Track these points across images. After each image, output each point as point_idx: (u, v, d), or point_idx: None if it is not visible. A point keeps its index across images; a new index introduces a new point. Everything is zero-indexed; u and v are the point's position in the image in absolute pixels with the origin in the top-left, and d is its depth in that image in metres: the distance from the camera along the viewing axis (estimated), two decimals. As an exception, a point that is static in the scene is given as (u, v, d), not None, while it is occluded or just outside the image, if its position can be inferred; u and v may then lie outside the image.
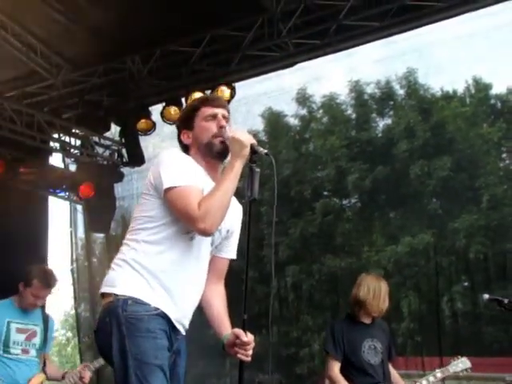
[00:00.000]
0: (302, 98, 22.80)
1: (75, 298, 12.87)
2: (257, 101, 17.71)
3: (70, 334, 34.60)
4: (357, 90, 22.28)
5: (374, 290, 5.93)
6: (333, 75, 19.37)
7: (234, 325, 3.69)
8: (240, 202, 3.79)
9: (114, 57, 9.96)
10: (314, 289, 20.47)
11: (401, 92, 22.15)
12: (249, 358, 3.52)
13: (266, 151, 3.58)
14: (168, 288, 3.50)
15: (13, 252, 9.13)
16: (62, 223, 13.35)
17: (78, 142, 11.18)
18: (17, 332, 5.73)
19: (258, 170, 3.58)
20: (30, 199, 10.70)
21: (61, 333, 36.79)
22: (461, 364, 6.31)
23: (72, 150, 11.25)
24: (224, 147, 3.60)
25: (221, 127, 3.67)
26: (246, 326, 3.43)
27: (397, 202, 20.50)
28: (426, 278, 17.41)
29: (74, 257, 12.86)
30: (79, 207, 12.10)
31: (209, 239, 3.62)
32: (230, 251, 3.86)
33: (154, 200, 3.55)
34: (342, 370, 5.86)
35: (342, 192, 21.58)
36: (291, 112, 23.20)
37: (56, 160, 11.62)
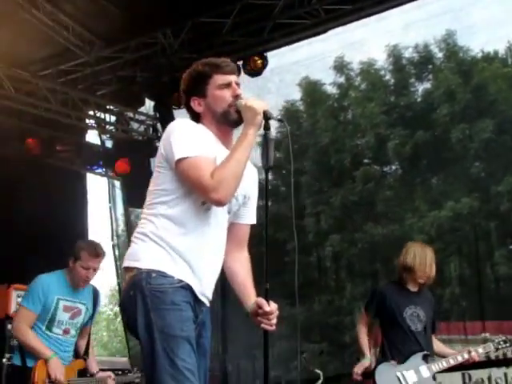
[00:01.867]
0: (340, 66, 22.49)
1: (118, 274, 12.96)
2: (289, 70, 17.49)
3: (117, 309, 35.11)
4: (394, 54, 21.94)
5: (421, 257, 6.01)
6: (367, 41, 19.09)
7: (273, 295, 3.61)
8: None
9: (146, 32, 9.98)
10: (357, 257, 20.42)
11: (439, 55, 21.74)
12: (273, 327, 3.50)
13: (279, 117, 3.54)
14: (189, 260, 3.50)
15: (53, 230, 9.27)
16: (101, 200, 13.38)
17: (113, 118, 11.27)
18: (64, 310, 5.76)
19: (272, 136, 3.53)
20: (68, 177, 10.83)
21: (109, 308, 37.29)
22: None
23: (107, 127, 11.38)
24: (240, 116, 3.53)
25: (236, 96, 3.60)
26: (268, 295, 3.42)
27: (438, 167, 20.22)
28: (469, 242, 17.27)
29: (115, 232, 13.01)
30: (117, 183, 12.18)
31: (225, 207, 3.58)
32: (249, 217, 3.83)
33: (167, 172, 3.50)
34: (385, 334, 6.00)
35: (383, 159, 21.42)
36: (328, 80, 22.84)
37: (92, 137, 11.71)
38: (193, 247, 3.52)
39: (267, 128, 3.51)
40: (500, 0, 16.71)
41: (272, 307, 3.48)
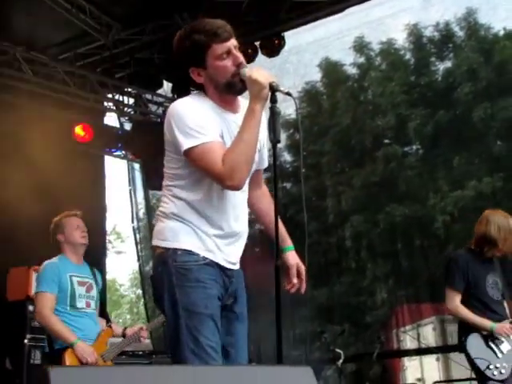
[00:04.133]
0: (359, 46, 22.45)
1: (138, 256, 13.07)
2: (307, 49, 17.66)
3: (139, 292, 35.47)
4: (414, 33, 21.92)
5: (506, 231, 5.85)
6: (386, 19, 19.26)
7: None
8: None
9: (163, 13, 10.02)
10: (378, 238, 20.33)
11: (460, 33, 21.68)
12: (302, 290, 3.76)
13: (287, 90, 3.44)
14: (213, 234, 3.54)
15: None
16: (121, 183, 13.51)
17: (132, 101, 11.35)
18: (79, 285, 5.86)
19: (279, 110, 3.43)
20: (86, 160, 10.91)
21: (131, 291, 37.51)
22: None
23: (126, 109, 11.49)
24: (244, 84, 3.47)
25: (239, 65, 3.51)
26: (280, 271, 3.42)
27: (460, 147, 20.09)
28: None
29: (135, 215, 13.08)
30: (136, 166, 12.30)
31: None
32: (263, 162, 3.86)
33: (177, 157, 3.49)
34: (467, 305, 5.81)
35: (404, 139, 21.37)
36: (347, 60, 22.81)
37: (111, 120, 11.87)
38: (216, 222, 3.55)
39: (274, 101, 3.42)
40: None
41: (297, 279, 3.68)
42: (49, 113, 10.38)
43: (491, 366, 5.60)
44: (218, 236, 3.56)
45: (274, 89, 3.39)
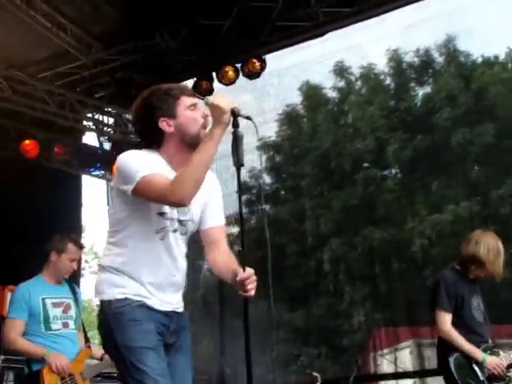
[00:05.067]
0: (340, 70, 22.85)
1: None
2: (288, 72, 17.85)
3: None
4: (395, 59, 22.33)
5: (494, 253, 5.85)
6: (367, 44, 19.58)
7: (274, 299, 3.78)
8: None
9: (143, 34, 10.11)
10: (356, 261, 20.47)
11: (440, 60, 22.10)
12: (251, 293, 3.60)
13: (247, 115, 3.59)
14: (144, 281, 3.70)
15: (45, 232, 9.37)
16: (99, 202, 13.52)
17: (111, 121, 11.41)
18: (53, 307, 5.83)
19: (241, 133, 3.57)
20: (63, 179, 11.02)
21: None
22: None
23: (105, 129, 11.54)
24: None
25: (205, 117, 3.70)
26: (243, 258, 3.47)
27: (438, 171, 20.33)
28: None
29: None
30: None
31: (179, 233, 3.79)
32: (214, 220, 3.92)
33: (120, 202, 3.67)
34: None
35: (383, 163, 21.59)
36: (328, 84, 23.24)
37: (90, 139, 11.89)
38: (147, 270, 3.72)
39: (236, 126, 3.57)
40: (500, 4, 16.91)
41: (247, 272, 3.56)
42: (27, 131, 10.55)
43: None
44: (151, 284, 3.73)
45: (235, 114, 3.54)
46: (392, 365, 13.32)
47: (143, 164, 3.57)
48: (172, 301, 3.84)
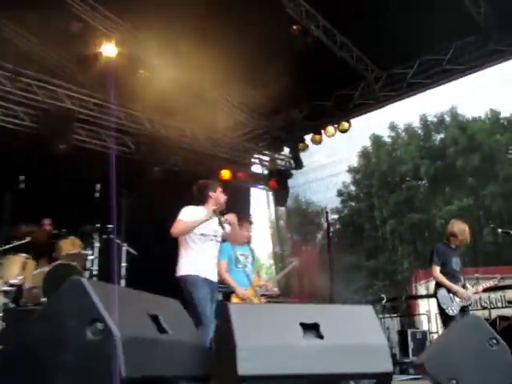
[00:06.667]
0: (392, 126, 24.30)
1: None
2: (362, 128, 18.72)
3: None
4: (422, 119, 23.60)
5: (460, 229, 6.04)
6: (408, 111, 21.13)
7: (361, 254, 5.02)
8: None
9: (285, 108, 10.49)
10: (404, 232, 21.30)
11: (448, 119, 23.35)
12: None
13: (224, 219, 4.60)
14: (200, 264, 4.54)
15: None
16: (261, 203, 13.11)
17: (267, 158, 11.41)
18: (239, 255, 5.84)
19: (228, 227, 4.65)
20: (239, 191, 10.90)
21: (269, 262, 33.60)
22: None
23: (264, 162, 11.51)
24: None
25: (224, 198, 4.78)
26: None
27: (449, 182, 21.15)
28: (472, 224, 16.14)
29: (269, 223, 13.81)
30: (269, 193, 12.53)
31: (210, 237, 4.67)
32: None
33: None
34: (441, 273, 5.98)
35: (417, 177, 22.60)
36: (385, 133, 24.64)
37: (256, 168, 12.01)
38: (200, 258, 4.60)
39: (223, 227, 4.62)
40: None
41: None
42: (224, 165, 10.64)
43: (449, 308, 5.84)
44: (204, 264, 4.53)
45: (220, 220, 4.51)
46: (425, 290, 12.92)
47: (186, 213, 4.48)
48: (212, 274, 4.63)
